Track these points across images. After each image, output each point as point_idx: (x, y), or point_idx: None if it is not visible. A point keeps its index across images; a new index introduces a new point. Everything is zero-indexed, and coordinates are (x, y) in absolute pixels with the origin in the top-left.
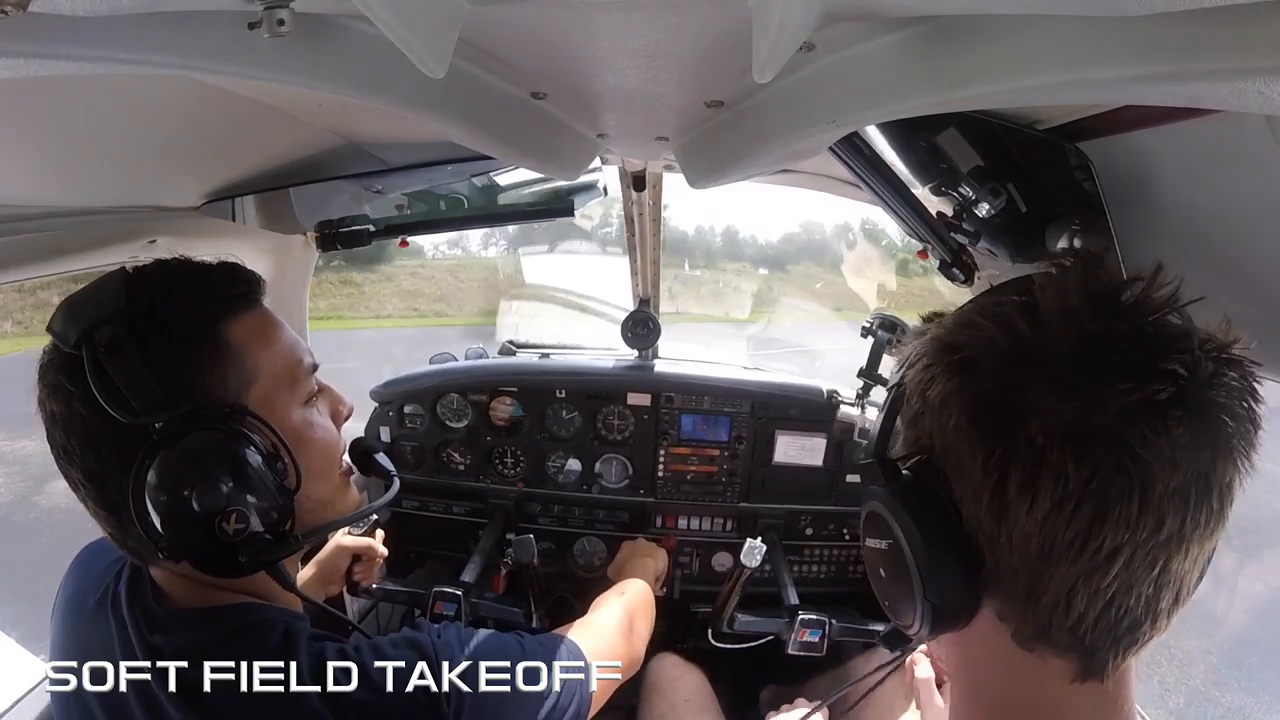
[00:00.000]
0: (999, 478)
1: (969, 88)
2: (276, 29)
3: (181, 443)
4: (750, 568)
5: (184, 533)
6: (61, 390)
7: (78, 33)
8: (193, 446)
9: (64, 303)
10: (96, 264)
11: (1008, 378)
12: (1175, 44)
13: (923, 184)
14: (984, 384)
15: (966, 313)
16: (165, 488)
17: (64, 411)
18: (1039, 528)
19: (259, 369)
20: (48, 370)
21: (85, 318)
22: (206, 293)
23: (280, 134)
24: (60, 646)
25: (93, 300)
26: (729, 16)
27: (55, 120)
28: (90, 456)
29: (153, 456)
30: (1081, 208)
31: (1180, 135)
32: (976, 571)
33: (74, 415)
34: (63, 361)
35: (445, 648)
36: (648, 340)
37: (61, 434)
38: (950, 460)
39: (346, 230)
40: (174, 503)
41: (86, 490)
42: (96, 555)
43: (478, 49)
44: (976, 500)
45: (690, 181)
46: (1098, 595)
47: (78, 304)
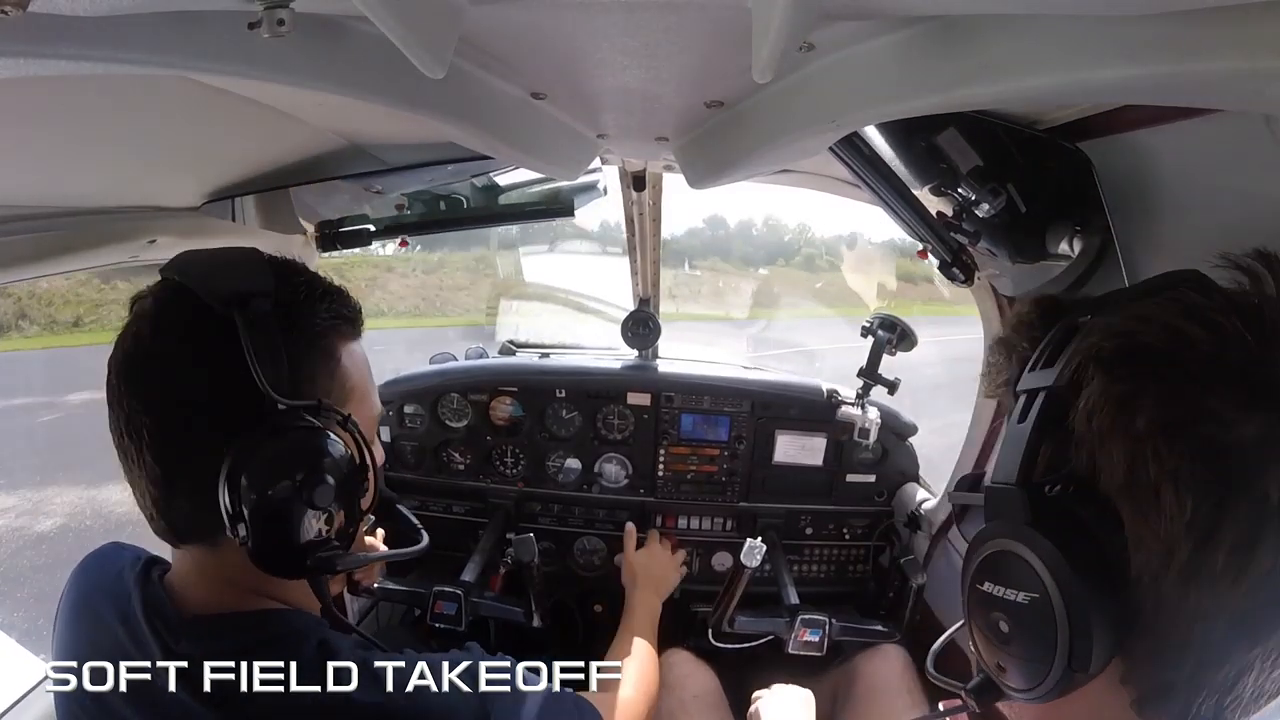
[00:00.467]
0: (1208, 532)
1: (969, 88)
2: (276, 29)
3: (301, 432)
4: (750, 567)
5: (272, 520)
6: (181, 336)
7: (78, 33)
8: (312, 439)
9: (205, 258)
10: (96, 264)
11: (1243, 412)
12: (1175, 44)
13: (922, 184)
14: (1208, 416)
15: (1149, 308)
16: (272, 470)
17: (172, 356)
18: (1241, 598)
19: (352, 393)
20: (167, 310)
21: (241, 282)
22: (334, 307)
23: (280, 134)
24: (68, 653)
25: (244, 268)
26: (729, 16)
27: (55, 120)
28: (182, 410)
29: (271, 436)
30: (1081, 208)
31: (1180, 135)
32: (1126, 628)
33: (185, 364)
34: (199, 312)
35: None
36: (648, 340)
37: (156, 377)
38: (1133, 499)
39: (346, 230)
40: (276, 487)
41: (151, 445)
42: (102, 561)
43: (478, 49)
44: (1165, 553)
45: (690, 182)
46: (1271, 677)
47: (229, 266)
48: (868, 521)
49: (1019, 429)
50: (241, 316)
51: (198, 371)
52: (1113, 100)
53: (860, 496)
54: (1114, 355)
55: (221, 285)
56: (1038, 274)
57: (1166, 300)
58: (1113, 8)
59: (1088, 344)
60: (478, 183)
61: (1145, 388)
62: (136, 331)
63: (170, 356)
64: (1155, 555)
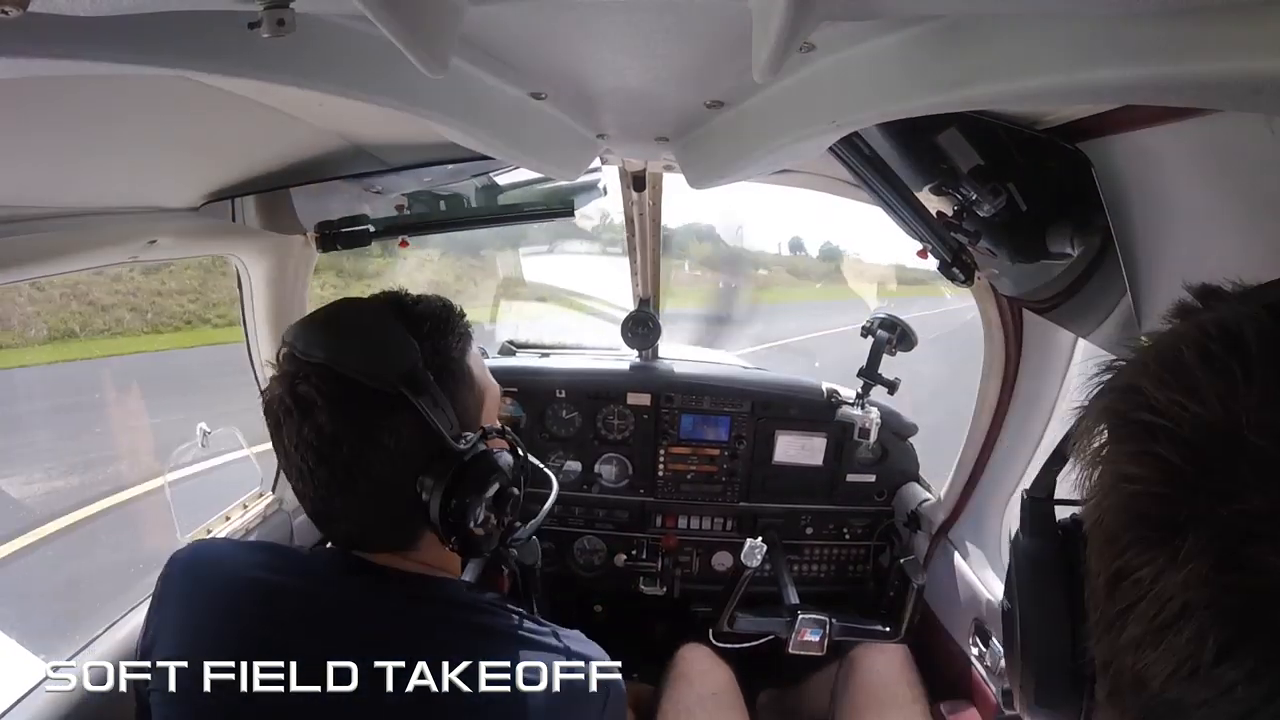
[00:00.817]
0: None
1: (969, 88)
2: (276, 29)
3: (482, 461)
4: (750, 567)
5: (479, 528)
6: (361, 420)
7: (78, 33)
8: (491, 464)
9: (347, 339)
10: (96, 264)
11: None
12: (1175, 44)
13: (923, 184)
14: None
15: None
16: (471, 495)
17: (360, 436)
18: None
19: (485, 393)
20: (340, 400)
21: (399, 362)
22: (458, 331)
23: (280, 134)
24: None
25: (393, 342)
26: (729, 16)
27: (55, 120)
28: (383, 472)
29: (464, 471)
30: (1081, 208)
31: (1180, 135)
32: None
33: (374, 439)
34: (369, 395)
35: None
36: (648, 340)
37: (349, 455)
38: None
39: (346, 230)
40: (477, 509)
41: (356, 500)
42: (210, 557)
43: (478, 49)
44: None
45: (690, 182)
46: None
47: (381, 347)
48: (868, 521)
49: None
50: (409, 390)
51: (386, 440)
52: (1113, 100)
53: (860, 496)
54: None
55: (382, 371)
56: (1038, 274)
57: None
58: (1113, 8)
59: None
60: (478, 182)
61: (1136, 447)
62: (315, 424)
63: (358, 437)
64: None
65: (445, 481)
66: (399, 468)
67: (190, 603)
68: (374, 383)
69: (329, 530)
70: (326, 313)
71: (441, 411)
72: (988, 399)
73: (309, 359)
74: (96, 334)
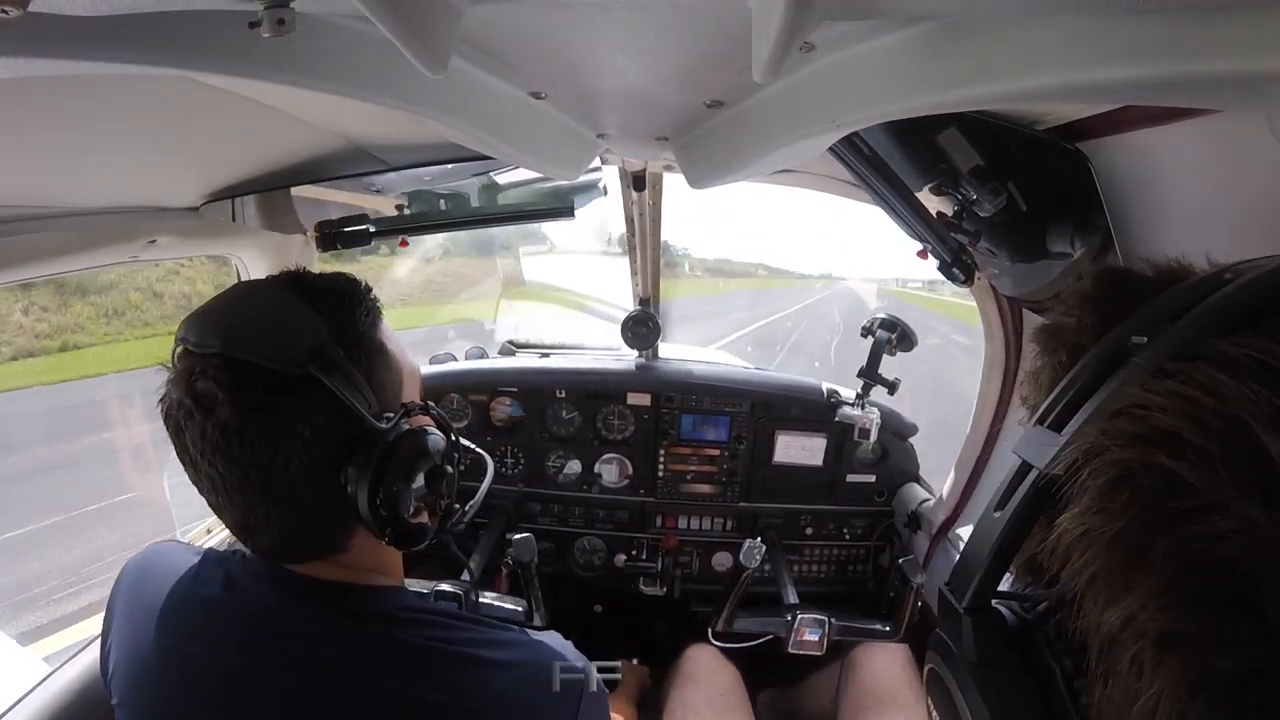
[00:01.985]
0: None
1: (969, 88)
2: (277, 28)
3: (406, 440)
4: (749, 568)
5: (413, 516)
6: (269, 409)
7: (78, 33)
8: (418, 442)
9: (245, 323)
10: (96, 264)
11: None
12: (1175, 44)
13: (923, 184)
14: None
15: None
16: (399, 479)
17: (270, 428)
18: None
19: (403, 369)
20: (241, 390)
21: (303, 339)
22: (365, 305)
23: (280, 134)
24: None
25: (295, 321)
26: (729, 16)
27: (55, 120)
28: (299, 465)
29: (387, 453)
30: (1082, 207)
31: (1180, 135)
32: None
33: (286, 429)
34: (274, 380)
35: None
36: (648, 340)
37: (261, 453)
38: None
39: (346, 230)
40: (407, 492)
41: (275, 503)
42: (153, 567)
43: (477, 49)
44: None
45: (690, 182)
46: None
47: (280, 325)
48: (868, 521)
49: (992, 519)
50: (319, 369)
51: (300, 429)
52: (1113, 100)
53: (860, 496)
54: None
55: (287, 349)
56: (1038, 274)
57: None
58: (1113, 8)
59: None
60: (478, 182)
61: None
62: (219, 420)
63: (268, 430)
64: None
65: (371, 467)
66: (317, 459)
67: (132, 614)
68: (278, 365)
69: (253, 544)
70: (219, 299)
71: (358, 391)
72: (988, 399)
73: (205, 351)
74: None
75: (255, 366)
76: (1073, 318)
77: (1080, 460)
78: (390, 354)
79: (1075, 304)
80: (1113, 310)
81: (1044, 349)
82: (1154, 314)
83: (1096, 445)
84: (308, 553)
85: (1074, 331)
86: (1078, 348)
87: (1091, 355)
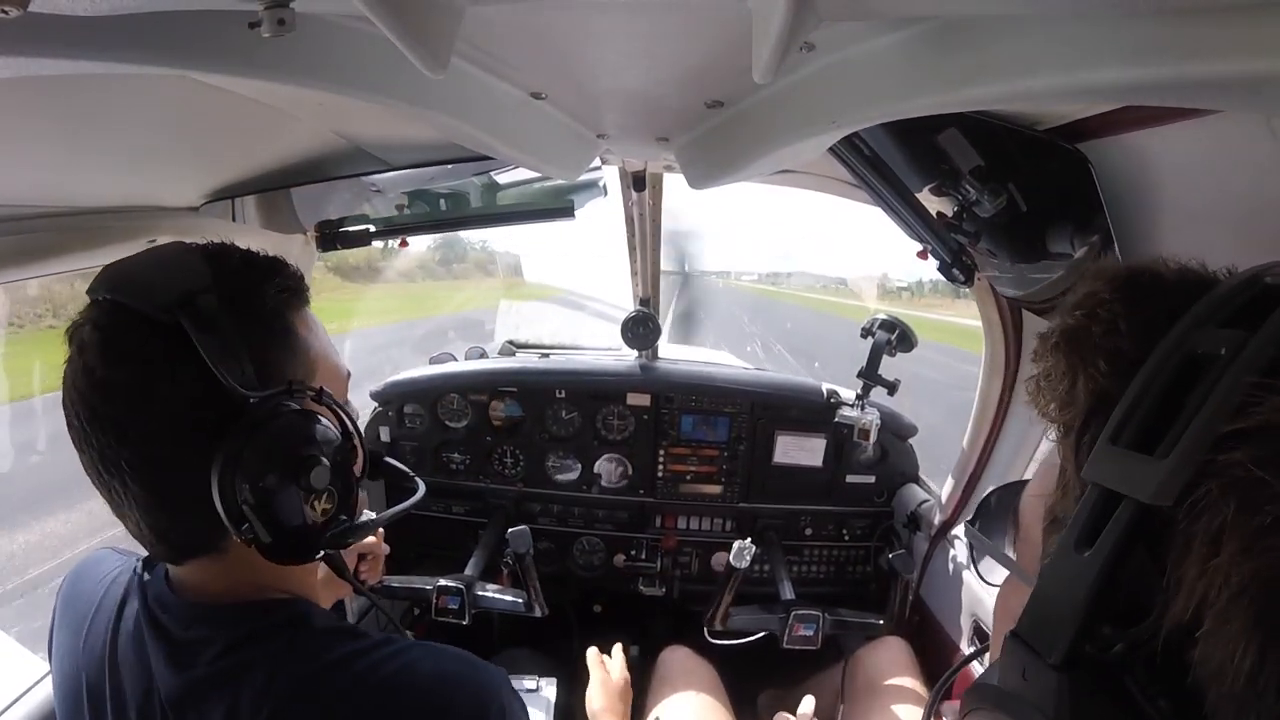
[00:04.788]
0: None
1: (969, 88)
2: (277, 28)
3: (282, 420)
4: (739, 569)
5: (276, 513)
6: (135, 358)
7: (78, 33)
8: (293, 425)
9: (133, 268)
10: (96, 264)
11: None
12: (1175, 44)
13: (923, 184)
14: None
15: None
16: (264, 466)
17: (133, 382)
18: None
19: (316, 363)
20: (112, 335)
21: (179, 284)
22: (279, 282)
23: (280, 134)
24: (64, 660)
25: (177, 268)
26: (729, 17)
27: (55, 120)
28: (159, 433)
29: (253, 432)
30: (1082, 208)
31: (1180, 135)
32: None
33: (148, 386)
34: (145, 328)
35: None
36: (648, 340)
37: (121, 408)
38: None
39: (346, 230)
40: (272, 482)
41: (134, 476)
42: (83, 579)
43: (478, 48)
44: None
45: (690, 182)
46: None
47: (161, 269)
48: (868, 522)
49: (1078, 559)
50: (189, 320)
51: (162, 389)
52: (1113, 100)
53: (860, 497)
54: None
55: (159, 293)
56: (1038, 274)
57: None
58: (1113, 8)
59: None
60: (478, 182)
61: None
62: (85, 366)
63: (131, 384)
64: None
65: (233, 447)
66: (182, 430)
67: (65, 625)
68: (146, 307)
69: (138, 538)
70: (136, 254)
71: (232, 358)
72: (988, 399)
73: (95, 296)
74: None
75: (126, 309)
76: (1098, 322)
77: (1216, 491)
78: (299, 339)
79: (1096, 306)
80: (1150, 314)
81: (1068, 355)
82: (1211, 318)
83: (1229, 473)
84: (179, 551)
85: (1107, 337)
86: (1116, 354)
87: (1153, 365)
